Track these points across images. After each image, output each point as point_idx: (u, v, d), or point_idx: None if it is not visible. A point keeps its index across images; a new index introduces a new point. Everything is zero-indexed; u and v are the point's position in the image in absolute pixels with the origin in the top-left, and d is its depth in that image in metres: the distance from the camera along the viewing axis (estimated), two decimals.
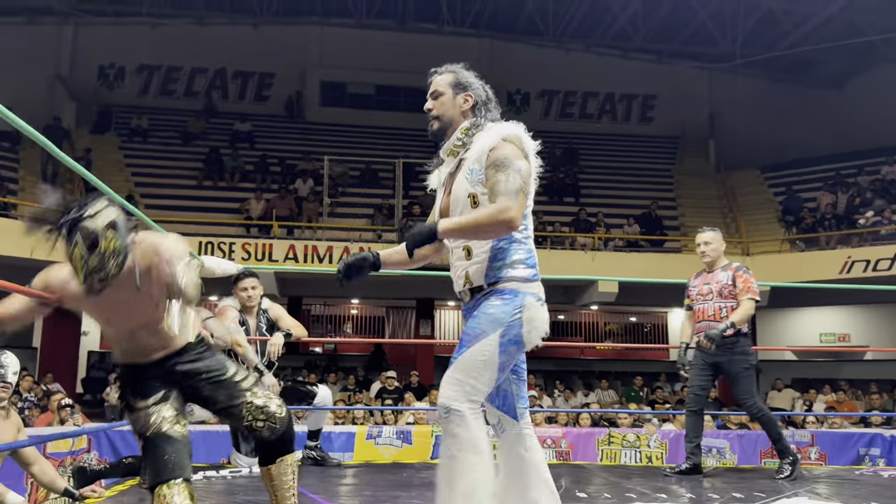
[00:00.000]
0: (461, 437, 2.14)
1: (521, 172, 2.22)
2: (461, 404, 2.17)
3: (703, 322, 4.50)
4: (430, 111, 2.45)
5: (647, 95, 20.05)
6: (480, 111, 2.42)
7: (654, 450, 6.57)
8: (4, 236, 11.11)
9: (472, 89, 2.45)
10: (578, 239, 13.95)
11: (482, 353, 2.20)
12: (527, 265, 2.29)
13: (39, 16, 17.69)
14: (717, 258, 4.58)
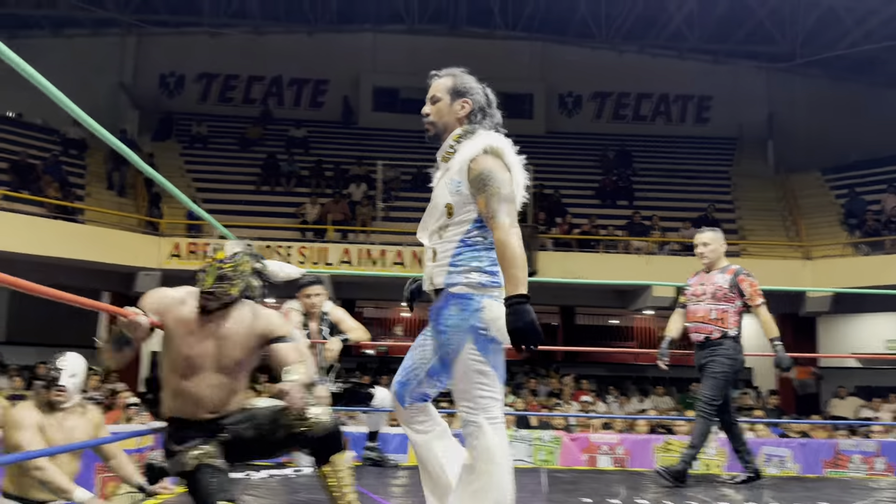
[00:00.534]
0: (479, 448, 2.21)
1: (503, 184, 2.27)
2: (476, 416, 2.23)
3: (694, 323, 4.39)
4: (426, 116, 2.48)
5: (703, 96, 19.71)
6: (476, 117, 2.44)
7: (713, 457, 6.47)
8: (74, 241, 11.54)
9: (470, 95, 2.46)
10: (633, 242, 13.79)
11: (469, 365, 2.25)
12: (484, 272, 2.31)
13: (104, 27, 18.33)
14: (716, 259, 4.44)
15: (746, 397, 11.55)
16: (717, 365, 4.26)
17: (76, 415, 3.58)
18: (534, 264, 12.43)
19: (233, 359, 2.53)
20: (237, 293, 2.54)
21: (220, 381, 2.53)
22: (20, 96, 16.61)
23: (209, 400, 2.53)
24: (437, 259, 2.37)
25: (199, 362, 2.52)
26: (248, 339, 2.56)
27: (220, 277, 2.51)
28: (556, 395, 10.99)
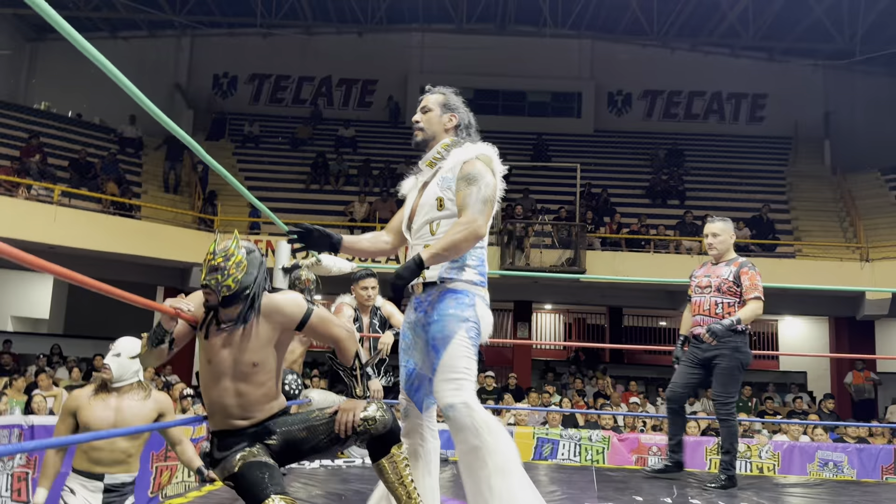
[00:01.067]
0: (475, 424, 2.29)
1: (488, 186, 2.47)
2: (463, 396, 2.34)
3: (698, 316, 4.26)
4: (416, 123, 2.68)
5: (758, 94, 19.29)
6: (462, 132, 2.65)
7: (765, 460, 6.34)
8: (131, 237, 11.85)
9: (457, 112, 2.67)
10: (683, 242, 13.57)
11: (460, 350, 2.39)
12: (478, 271, 2.51)
13: (160, 29, 18.81)
14: (724, 251, 4.31)
15: (801, 402, 11.27)
16: (725, 360, 4.13)
17: (131, 396, 3.65)
18: (581, 263, 12.32)
19: (250, 362, 2.45)
20: (234, 286, 2.43)
21: (240, 389, 2.46)
22: (80, 97, 17.24)
23: (235, 409, 2.47)
24: None
25: (217, 368, 2.48)
26: (264, 336, 2.46)
27: (212, 269, 2.44)
28: (603, 396, 10.89)
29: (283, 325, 2.49)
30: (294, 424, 2.49)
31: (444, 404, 2.34)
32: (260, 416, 2.50)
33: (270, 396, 2.52)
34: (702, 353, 4.20)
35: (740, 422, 7.95)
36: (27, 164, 12.62)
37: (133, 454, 3.67)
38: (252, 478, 2.34)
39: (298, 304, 2.51)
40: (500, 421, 7.73)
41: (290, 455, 2.52)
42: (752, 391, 12.47)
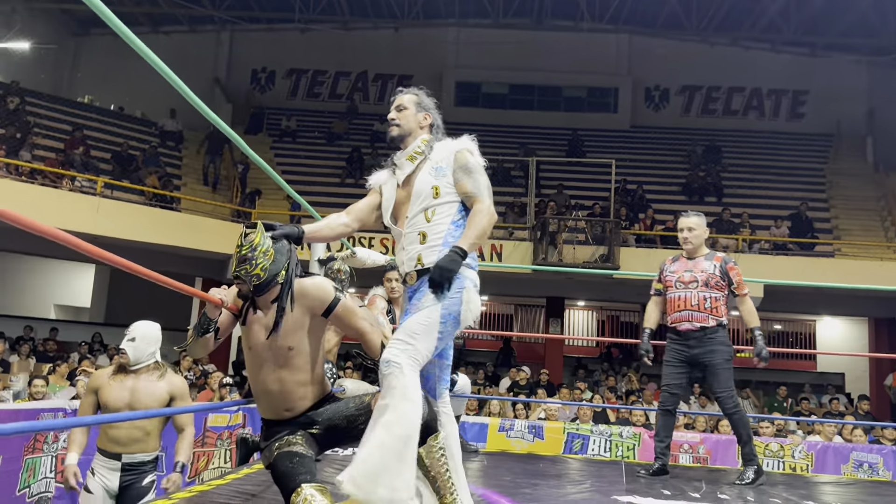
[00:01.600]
0: (396, 387, 2.33)
1: (485, 175, 2.66)
2: (400, 359, 2.37)
3: (686, 311, 4.21)
4: (392, 120, 2.77)
5: (798, 91, 18.95)
6: (437, 131, 2.79)
7: (799, 460, 6.28)
8: (172, 229, 12.10)
9: (430, 111, 2.81)
10: (720, 240, 13.42)
11: (424, 320, 2.44)
12: (469, 255, 2.56)
13: (200, 24, 19.11)
14: (699, 245, 4.34)
15: (837, 403, 11.09)
16: (719, 356, 4.17)
17: (147, 377, 3.80)
18: (615, 260, 12.26)
19: (285, 346, 2.50)
20: (263, 274, 2.49)
21: (281, 376, 2.52)
22: (122, 91, 17.59)
23: (278, 397, 2.53)
24: (429, 240, 2.60)
25: (257, 354, 2.54)
26: (295, 320, 2.51)
27: (241, 260, 2.50)
28: (634, 393, 10.84)
29: (311, 309, 2.53)
30: (335, 414, 2.55)
31: (383, 358, 2.39)
32: (303, 406, 2.55)
33: (311, 382, 2.56)
34: (689, 350, 4.21)
35: (773, 420, 7.88)
36: (71, 156, 12.93)
37: (151, 433, 3.78)
38: (283, 468, 2.40)
39: (325, 290, 2.56)
40: (531, 416, 7.76)
41: (331, 442, 2.60)
42: (787, 391, 12.32)
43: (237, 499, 2.87)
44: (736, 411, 4.19)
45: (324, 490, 2.34)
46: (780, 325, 16.92)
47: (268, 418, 2.60)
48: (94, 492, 3.69)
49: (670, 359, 4.30)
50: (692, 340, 4.19)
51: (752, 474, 4.05)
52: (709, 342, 4.17)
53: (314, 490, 2.32)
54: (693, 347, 4.20)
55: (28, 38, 17.58)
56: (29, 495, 4.88)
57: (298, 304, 2.53)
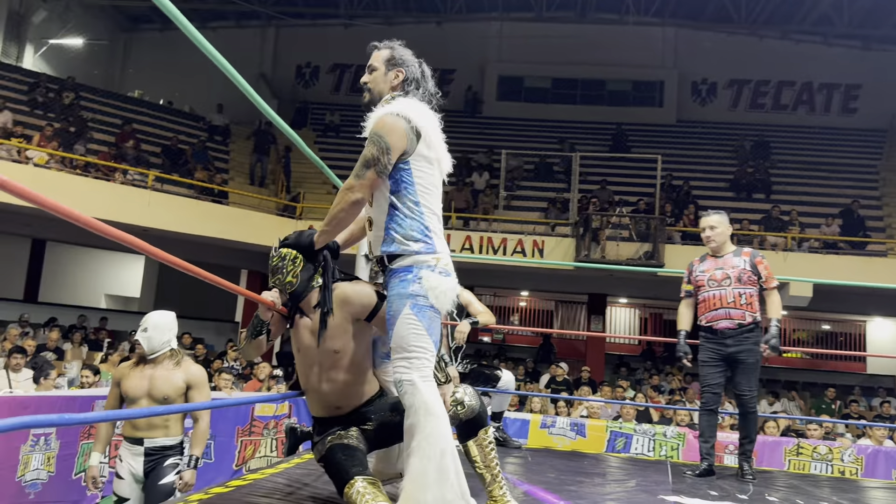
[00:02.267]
0: (417, 405, 2.26)
1: (379, 144, 2.33)
2: (410, 375, 2.29)
3: (722, 309, 4.20)
4: (364, 84, 2.59)
5: (851, 85, 18.46)
6: (411, 86, 2.51)
7: (848, 464, 6.16)
8: (219, 222, 12.32)
9: (404, 66, 2.54)
10: (769, 238, 13.17)
11: (406, 329, 2.31)
12: (417, 240, 2.35)
13: (247, 20, 19.39)
14: (723, 243, 4.32)
15: (888, 406, 10.81)
16: (752, 355, 4.18)
17: (164, 365, 3.90)
18: (659, 257, 12.12)
19: (331, 349, 2.54)
20: (295, 280, 2.55)
21: (331, 377, 2.55)
22: (170, 85, 17.95)
23: (330, 396, 2.57)
24: (374, 227, 2.45)
25: (307, 356, 2.60)
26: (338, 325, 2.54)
27: (272, 272, 2.60)
28: (678, 392, 10.72)
29: (354, 315, 2.55)
30: (387, 409, 2.58)
31: (394, 380, 2.34)
32: (354, 403, 2.59)
33: (360, 382, 2.59)
34: (726, 349, 4.22)
35: (821, 423, 7.73)
36: (123, 149, 13.25)
37: (170, 418, 3.88)
38: (335, 460, 2.43)
39: (368, 296, 2.56)
40: (573, 413, 7.73)
41: (385, 438, 2.61)
42: (836, 393, 12.05)
43: (290, 487, 2.93)
44: (754, 410, 4.29)
45: (376, 483, 2.37)
46: (828, 325, 16.56)
47: (319, 416, 2.64)
48: (123, 477, 3.84)
49: (707, 359, 4.29)
50: (729, 339, 4.20)
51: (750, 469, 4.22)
52: (745, 341, 4.18)
53: (366, 483, 2.35)
54: (730, 346, 4.21)
55: (81, 35, 18.04)
56: (84, 479, 5.05)
57: (341, 310, 2.55)
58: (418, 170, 2.41)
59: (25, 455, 4.59)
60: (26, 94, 14.05)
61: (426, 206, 2.40)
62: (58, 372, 8.14)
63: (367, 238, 2.59)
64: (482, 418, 2.52)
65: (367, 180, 2.36)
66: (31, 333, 11.02)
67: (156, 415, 3.75)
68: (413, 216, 2.37)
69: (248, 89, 2.20)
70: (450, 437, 2.28)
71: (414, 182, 2.39)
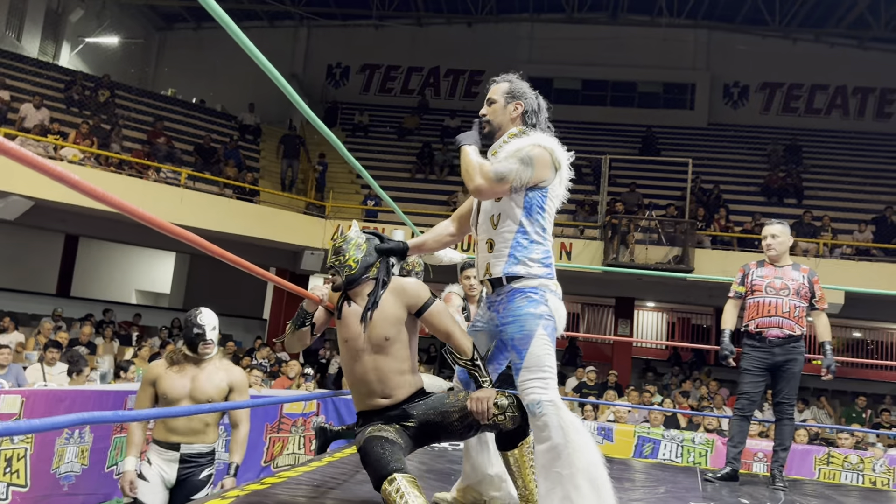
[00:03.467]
0: (561, 423, 2.30)
1: (520, 164, 2.42)
2: (549, 395, 2.35)
3: (776, 317, 4.20)
4: (483, 116, 2.65)
5: (887, 89, 18.15)
6: (531, 118, 2.62)
7: (879, 475, 6.07)
8: (249, 220, 12.45)
9: (523, 99, 2.62)
10: (800, 244, 12.99)
11: (541, 349, 2.40)
12: (542, 264, 2.47)
13: (279, 20, 19.58)
14: (782, 253, 4.34)
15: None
16: (798, 365, 4.23)
17: (208, 366, 3.69)
18: (689, 261, 12.02)
19: (382, 336, 2.57)
20: (355, 265, 2.60)
21: (378, 364, 2.58)
22: (203, 84, 18.18)
23: (376, 384, 2.58)
24: (495, 250, 2.51)
25: (353, 345, 2.60)
26: (393, 313, 2.58)
27: (335, 252, 2.62)
28: (707, 398, 10.62)
29: (408, 305, 2.60)
30: (430, 409, 2.58)
31: (530, 401, 2.36)
32: (399, 395, 2.60)
33: (407, 371, 2.62)
34: (772, 357, 4.23)
35: (852, 432, 7.62)
36: (157, 147, 13.44)
37: (210, 423, 3.67)
38: (373, 453, 2.40)
39: (424, 289, 2.64)
40: (600, 418, 7.70)
41: (425, 438, 2.62)
42: (867, 402, 11.85)
43: (326, 485, 2.96)
44: (793, 419, 4.33)
45: (415, 483, 2.34)
46: (859, 332, 16.30)
47: (363, 410, 2.66)
48: (149, 480, 3.57)
49: (750, 366, 4.27)
50: (777, 348, 4.21)
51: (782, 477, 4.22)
52: (792, 350, 4.22)
53: (406, 482, 2.31)
54: (777, 355, 4.22)
55: (117, 33, 18.34)
56: (116, 472, 5.14)
57: (398, 298, 2.61)
58: (550, 199, 2.54)
59: (60, 448, 4.69)
60: (63, 92, 14.31)
61: (549, 234, 2.55)
62: (91, 366, 8.28)
63: (478, 259, 2.61)
64: (525, 428, 2.50)
65: (496, 188, 2.45)
66: (65, 327, 11.23)
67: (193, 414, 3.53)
68: (539, 241, 2.49)
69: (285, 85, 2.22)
70: (597, 450, 2.33)
71: (545, 209, 2.52)
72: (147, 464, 3.61)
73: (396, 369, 2.59)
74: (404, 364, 2.61)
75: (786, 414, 4.26)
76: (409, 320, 2.63)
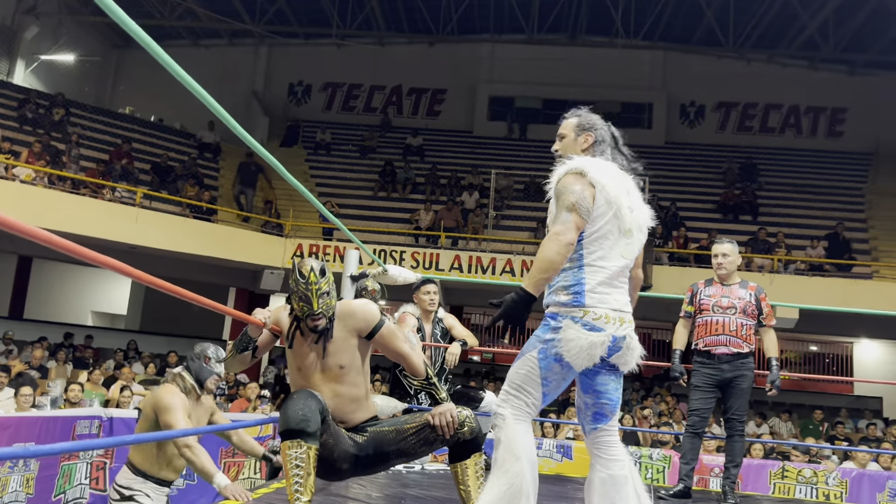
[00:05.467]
0: (501, 440, 2.32)
1: (572, 194, 2.37)
2: (504, 409, 2.37)
3: (723, 335, 4.29)
4: (556, 151, 2.65)
5: (837, 108, 18.67)
6: (600, 148, 2.59)
7: (832, 487, 6.16)
8: (207, 240, 12.29)
9: (593, 130, 2.62)
10: (755, 260, 13.24)
11: (522, 367, 2.39)
12: (569, 292, 2.40)
13: (239, 38, 19.46)
14: (732, 272, 4.43)
15: (874, 428, 10.85)
16: (747, 381, 4.29)
17: (202, 400, 3.81)
18: (647, 278, 12.17)
19: (337, 364, 2.57)
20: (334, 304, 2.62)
21: (336, 391, 2.58)
22: (161, 102, 17.96)
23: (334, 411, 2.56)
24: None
25: (308, 373, 2.61)
26: (344, 340, 2.60)
27: (321, 296, 2.56)
28: (666, 414, 10.72)
29: (357, 330, 2.61)
30: (385, 424, 2.61)
31: (491, 409, 2.41)
32: (355, 419, 2.62)
33: (363, 398, 2.64)
34: (721, 373, 4.29)
35: (809, 448, 7.75)
36: (112, 166, 13.22)
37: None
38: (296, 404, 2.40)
39: (372, 313, 2.64)
40: (560, 435, 7.71)
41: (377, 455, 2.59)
42: (823, 415, 12.08)
43: None
44: (744, 435, 4.38)
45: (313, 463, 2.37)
46: (815, 346, 16.62)
47: None
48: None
49: (700, 383, 4.35)
50: (725, 364, 4.27)
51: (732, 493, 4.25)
52: (741, 367, 4.27)
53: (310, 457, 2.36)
54: (726, 371, 4.28)
55: (73, 51, 18.06)
56: (64, 501, 4.99)
57: (345, 323, 2.61)
58: (603, 226, 2.44)
59: (3, 477, 4.53)
60: (16, 111, 14.03)
61: (590, 261, 2.42)
62: (40, 390, 8.06)
63: None
64: (478, 442, 2.53)
65: (573, 223, 2.35)
66: (16, 351, 10.93)
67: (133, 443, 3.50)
68: (571, 269, 2.42)
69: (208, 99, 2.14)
70: (529, 479, 2.29)
71: (595, 237, 2.43)
72: (148, 498, 3.62)
73: (353, 396, 2.60)
74: (360, 390, 2.62)
75: (736, 430, 4.32)
76: (361, 344, 2.63)
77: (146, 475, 3.65)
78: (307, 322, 2.60)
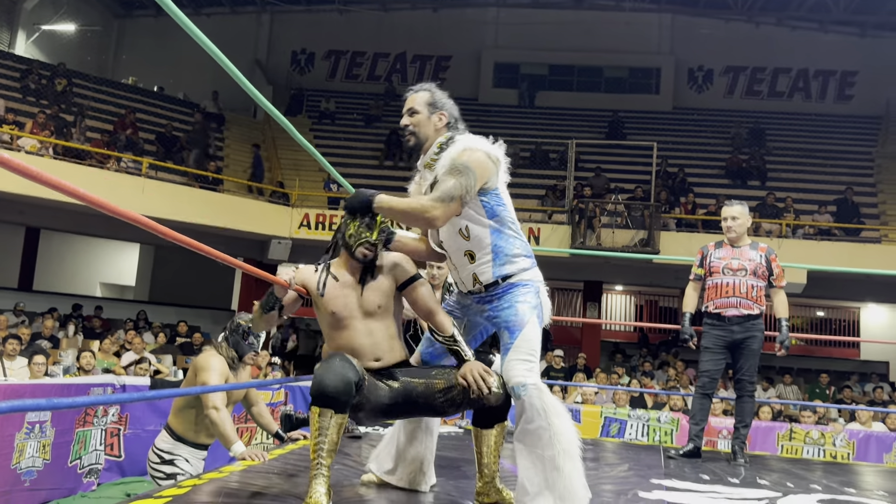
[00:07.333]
0: (544, 406, 2.36)
1: (460, 176, 2.42)
2: (533, 378, 2.41)
3: (734, 297, 4.28)
4: (406, 126, 2.64)
5: (847, 72, 18.44)
6: (455, 127, 2.63)
7: (840, 448, 6.21)
8: (213, 209, 12.28)
9: (444, 109, 2.64)
10: (763, 225, 13.18)
11: (533, 334, 2.47)
12: (526, 256, 2.55)
13: (241, 6, 19.26)
14: (742, 234, 4.41)
15: (881, 392, 10.89)
16: (757, 342, 4.29)
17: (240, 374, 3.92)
18: (654, 244, 12.14)
19: (375, 304, 2.60)
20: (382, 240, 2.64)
21: (371, 328, 2.60)
22: (164, 72, 17.86)
23: (368, 347, 2.58)
24: (477, 260, 2.52)
25: (343, 315, 2.61)
26: (384, 283, 2.63)
27: (383, 229, 2.60)
28: (674, 379, 10.77)
29: (395, 277, 2.64)
30: (415, 375, 2.59)
31: (515, 383, 2.39)
32: (389, 358, 2.62)
33: (396, 338, 2.66)
34: (732, 335, 4.29)
35: (815, 408, 7.79)
36: (117, 136, 13.19)
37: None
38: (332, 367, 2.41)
39: (412, 264, 2.70)
40: (568, 399, 7.77)
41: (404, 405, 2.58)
42: (829, 378, 12.12)
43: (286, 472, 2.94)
44: (754, 396, 4.40)
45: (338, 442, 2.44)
46: (823, 311, 16.62)
47: None
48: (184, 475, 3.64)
49: (710, 344, 4.35)
50: (736, 326, 4.27)
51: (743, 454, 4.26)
52: (751, 328, 4.28)
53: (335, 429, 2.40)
54: (736, 333, 4.29)
55: (74, 21, 17.92)
56: (80, 467, 5.07)
57: (391, 272, 2.65)
58: (504, 194, 2.57)
59: (20, 443, 4.60)
60: (18, 81, 13.96)
61: (516, 223, 2.59)
62: (52, 360, 8.14)
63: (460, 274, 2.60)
64: (505, 409, 2.52)
65: (451, 209, 2.44)
66: (27, 322, 11.01)
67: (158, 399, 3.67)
68: (517, 235, 2.55)
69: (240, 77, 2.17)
70: (576, 434, 2.40)
71: (505, 204, 2.54)
72: (185, 461, 3.71)
73: (389, 334, 2.62)
74: (394, 330, 2.65)
75: (746, 391, 4.34)
76: (397, 295, 2.68)
77: (184, 440, 3.74)
78: (358, 251, 2.59)
